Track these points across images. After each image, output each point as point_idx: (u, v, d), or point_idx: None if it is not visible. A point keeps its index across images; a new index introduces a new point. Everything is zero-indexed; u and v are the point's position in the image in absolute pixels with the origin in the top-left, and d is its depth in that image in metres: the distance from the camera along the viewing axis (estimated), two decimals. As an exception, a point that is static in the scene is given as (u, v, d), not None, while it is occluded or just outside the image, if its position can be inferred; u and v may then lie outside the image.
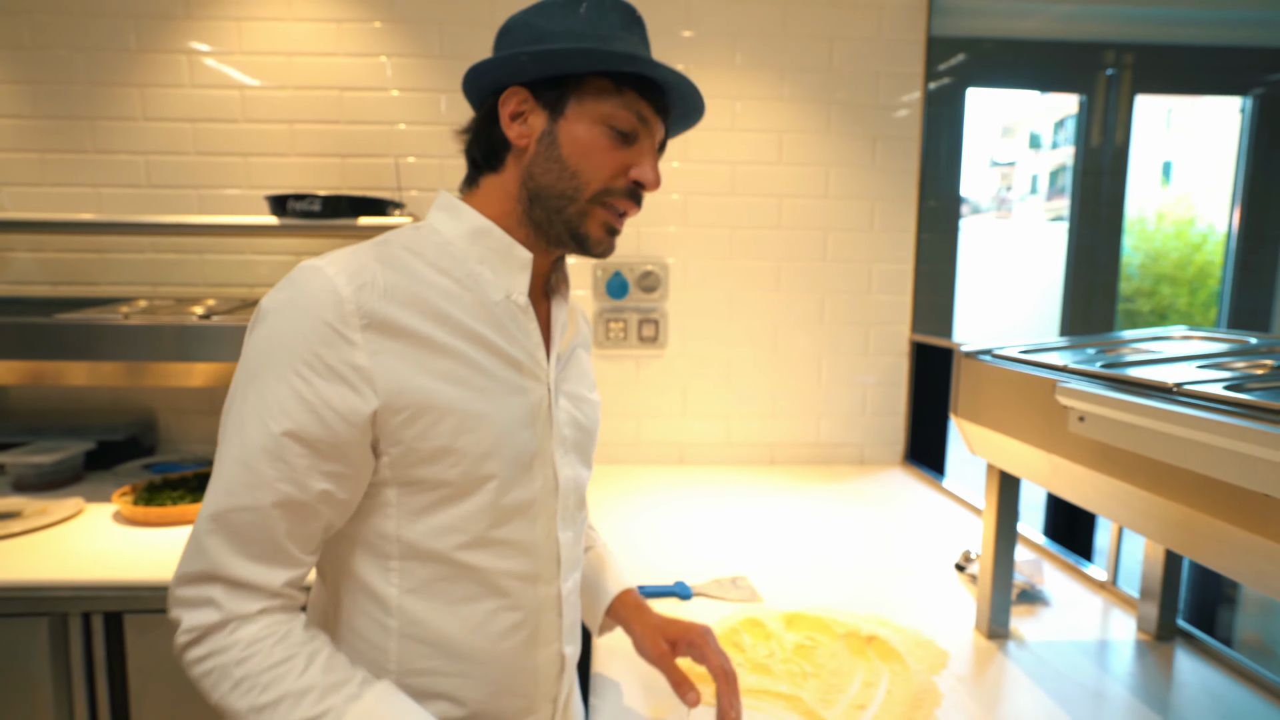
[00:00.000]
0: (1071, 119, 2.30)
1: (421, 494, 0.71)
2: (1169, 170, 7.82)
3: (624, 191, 0.76)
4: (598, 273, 2.08)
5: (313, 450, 0.65)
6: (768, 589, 1.31)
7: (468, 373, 0.71)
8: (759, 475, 2.08)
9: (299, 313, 0.66)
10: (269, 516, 0.64)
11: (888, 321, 2.17)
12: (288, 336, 0.65)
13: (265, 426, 0.64)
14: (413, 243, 0.74)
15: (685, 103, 0.80)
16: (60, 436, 1.92)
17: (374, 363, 0.66)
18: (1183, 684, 1.03)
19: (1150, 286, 5.90)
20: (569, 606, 0.83)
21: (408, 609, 0.72)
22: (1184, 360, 0.90)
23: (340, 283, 0.66)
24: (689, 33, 2.04)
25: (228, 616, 0.64)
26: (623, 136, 0.75)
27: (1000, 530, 1.12)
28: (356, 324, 0.66)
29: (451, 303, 0.72)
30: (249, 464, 0.64)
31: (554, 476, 0.79)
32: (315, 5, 1.97)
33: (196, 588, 0.65)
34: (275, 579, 0.66)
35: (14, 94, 1.94)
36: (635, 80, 0.74)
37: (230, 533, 0.64)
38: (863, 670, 1.04)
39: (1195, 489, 0.70)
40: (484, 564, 0.74)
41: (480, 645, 0.74)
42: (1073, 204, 2.32)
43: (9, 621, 1.33)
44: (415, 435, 0.68)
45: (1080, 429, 0.83)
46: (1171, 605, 1.14)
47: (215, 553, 0.64)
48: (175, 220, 1.71)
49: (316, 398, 0.65)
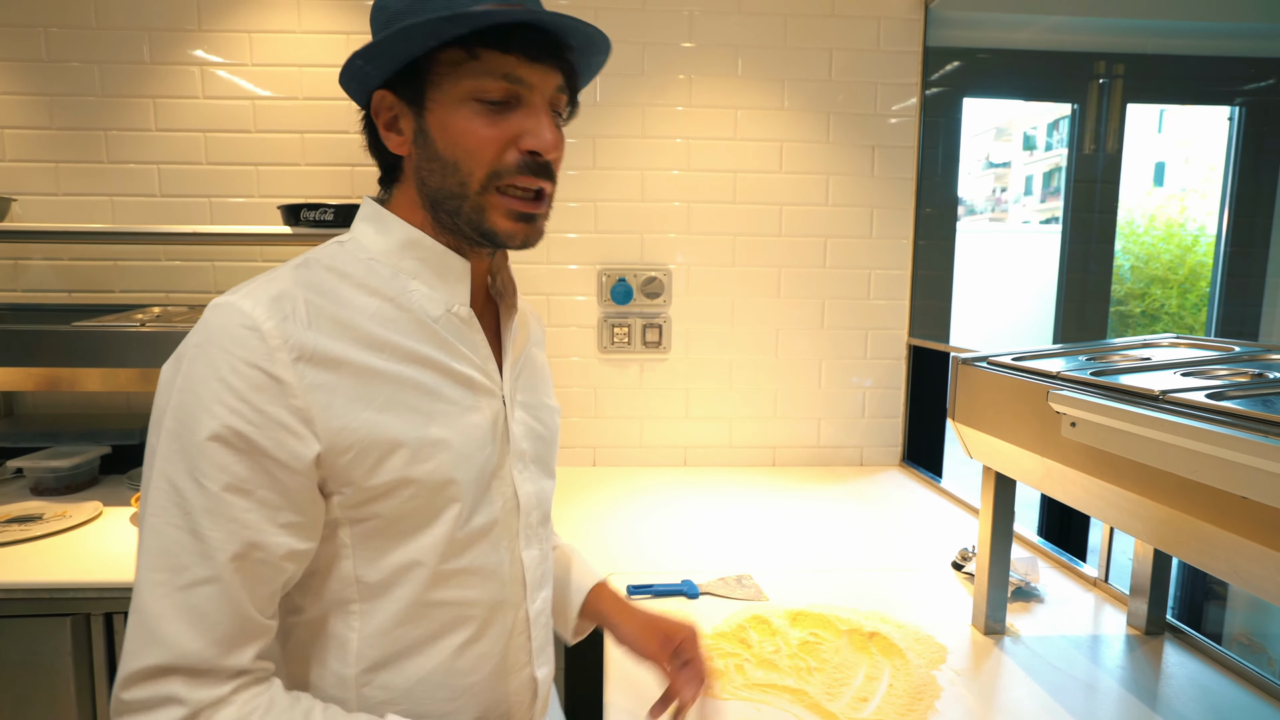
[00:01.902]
0: (1065, 120, 2.36)
1: (378, 532, 0.65)
2: (1161, 172, 7.88)
3: (517, 168, 0.66)
4: (602, 279, 2.12)
5: (261, 504, 0.58)
6: (772, 587, 1.36)
7: (416, 398, 0.66)
8: (761, 476, 2.13)
9: (218, 356, 0.58)
10: (230, 586, 0.57)
11: (886, 326, 2.22)
12: (210, 385, 0.58)
13: (202, 487, 0.57)
14: (337, 262, 0.68)
15: (574, 36, 0.67)
16: (75, 441, 1.95)
17: (309, 401, 0.60)
18: (1171, 676, 1.07)
19: (1142, 289, 5.97)
20: (538, 628, 0.78)
21: (368, 655, 0.67)
22: (1169, 368, 0.95)
23: (259, 317, 0.59)
24: (690, 44, 2.08)
25: (195, 709, 0.55)
26: (496, 107, 0.65)
27: (996, 530, 1.17)
28: (285, 360, 0.59)
29: (387, 326, 0.66)
30: (195, 531, 0.57)
31: (514, 495, 0.74)
32: (324, 18, 2.01)
33: (150, 686, 0.55)
34: (244, 656, 0.58)
35: (31, 105, 1.98)
36: (493, 37, 0.63)
37: (190, 614, 0.56)
38: (865, 665, 1.08)
39: (1179, 491, 0.75)
40: (448, 597, 0.69)
41: (446, 682, 0.70)
42: (1066, 210, 2.37)
43: (33, 621, 1.36)
44: (365, 473, 0.63)
45: (1072, 434, 0.87)
46: (1161, 601, 1.18)
47: (176, 640, 0.55)
48: (192, 230, 1.75)
49: (252, 448, 0.58)
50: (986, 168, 10.54)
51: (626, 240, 2.13)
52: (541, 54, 0.65)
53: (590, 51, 0.70)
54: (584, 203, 2.09)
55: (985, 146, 10.18)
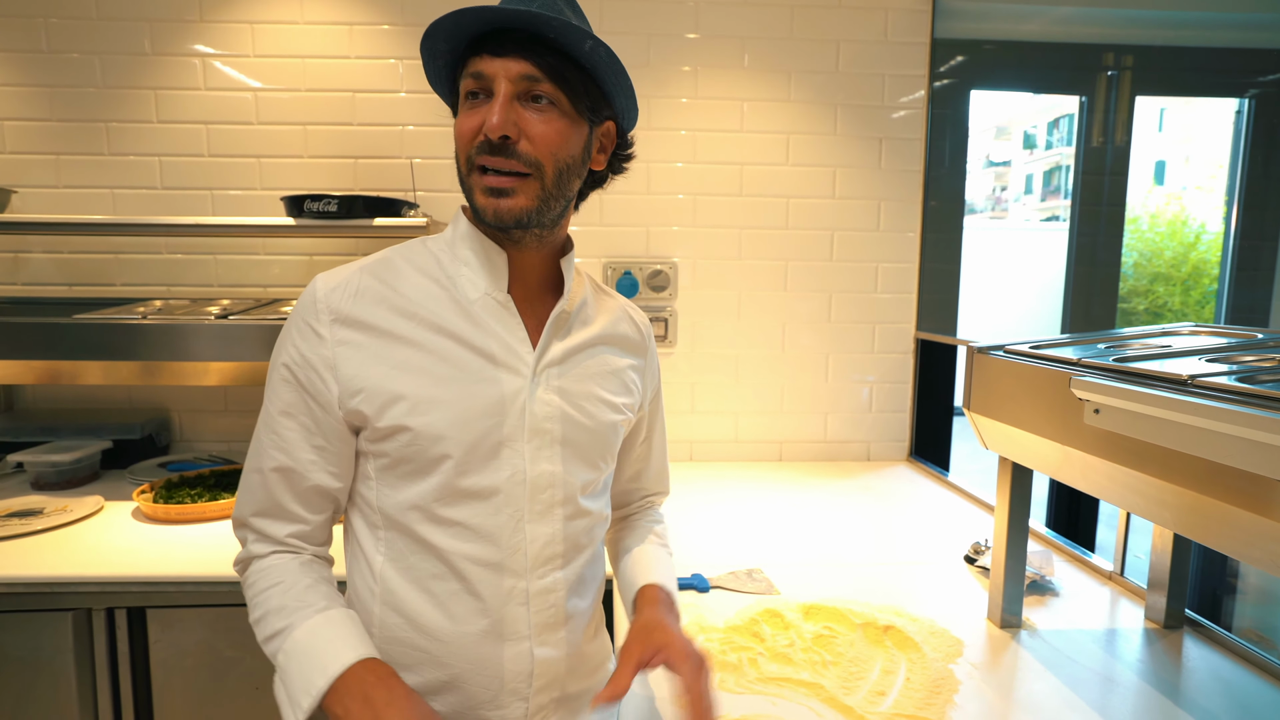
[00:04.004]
0: (1065, 119, 2.35)
1: (389, 468, 0.78)
2: (1162, 170, 7.86)
3: (477, 149, 0.75)
4: (608, 272, 2.10)
5: (300, 425, 0.78)
6: (783, 581, 1.34)
7: (429, 361, 0.78)
8: (768, 471, 2.11)
9: (293, 315, 0.80)
10: (268, 479, 0.79)
11: (893, 320, 2.20)
12: (285, 334, 0.80)
13: (268, 406, 0.80)
14: (408, 252, 0.84)
15: (535, 25, 0.72)
16: (76, 435, 1.93)
17: (336, 353, 0.77)
18: (1192, 670, 1.06)
19: (1145, 285, 5.96)
20: (543, 605, 0.81)
21: (387, 577, 0.80)
22: (1193, 354, 0.93)
23: (319, 288, 0.78)
24: (695, 35, 2.07)
25: (250, 554, 0.80)
26: (472, 101, 0.76)
27: (1013, 523, 1.15)
28: (326, 319, 0.77)
29: (426, 300, 0.80)
30: (259, 436, 0.80)
31: (524, 469, 0.79)
32: (326, 9, 1.99)
33: (238, 529, 0.82)
34: (279, 531, 0.79)
35: (31, 97, 1.96)
36: (471, 45, 0.75)
37: (245, 490, 0.81)
38: (881, 659, 1.07)
39: (1207, 476, 0.73)
40: (441, 543, 0.78)
41: (443, 625, 0.78)
42: (1074, 204, 2.35)
43: (35, 616, 1.35)
44: (374, 414, 0.76)
45: (1095, 420, 0.86)
46: (1180, 595, 1.16)
47: (240, 504, 0.81)
48: (195, 221, 1.73)
49: (295, 382, 0.78)
50: (987, 166, 10.53)
51: (632, 233, 2.12)
52: (499, 49, 0.73)
53: (562, 35, 0.73)
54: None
55: (986, 145, 10.17)
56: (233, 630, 1.39)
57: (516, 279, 0.83)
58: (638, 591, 0.89)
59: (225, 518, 1.62)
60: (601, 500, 0.90)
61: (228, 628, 1.39)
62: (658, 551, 0.97)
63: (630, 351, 0.92)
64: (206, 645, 1.39)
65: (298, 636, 0.73)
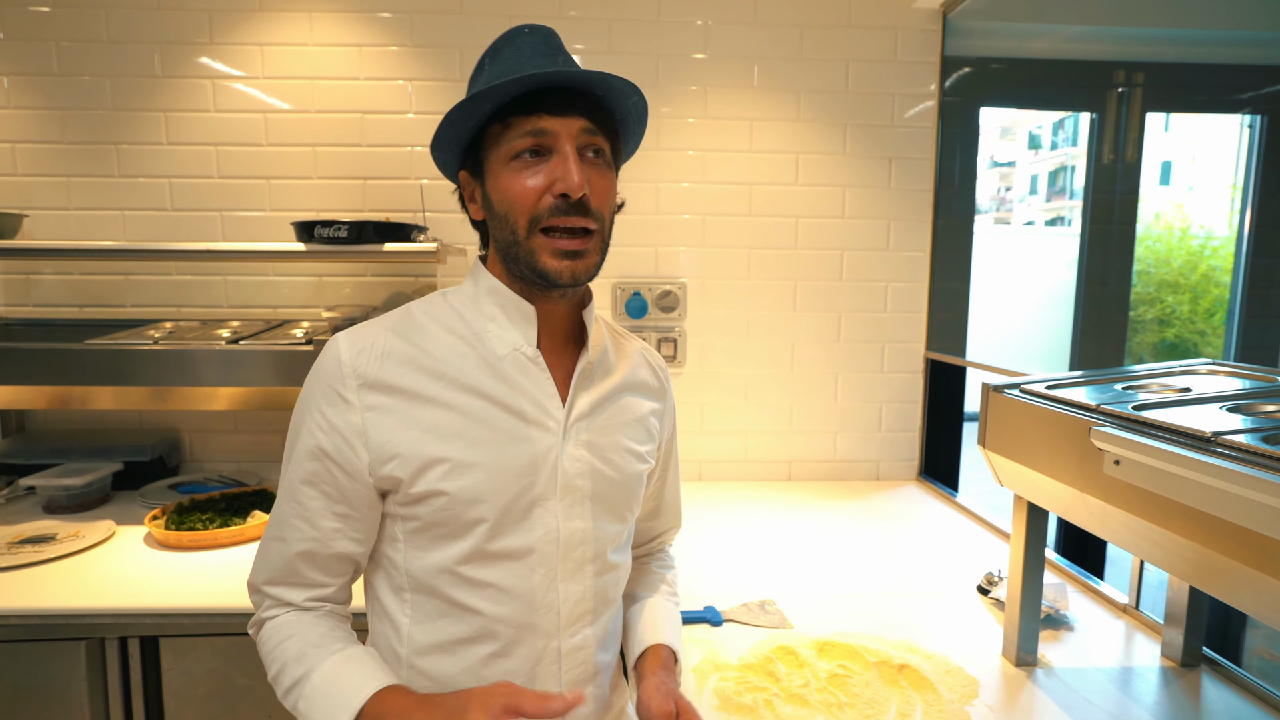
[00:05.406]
0: (1070, 119, 2.33)
1: (420, 531, 0.77)
2: (1168, 171, 7.81)
3: (551, 210, 0.73)
4: (617, 292, 2.10)
5: (323, 494, 0.76)
6: (796, 613, 1.33)
7: (462, 423, 0.76)
8: (777, 491, 2.10)
9: (315, 379, 0.78)
10: (289, 548, 0.77)
11: (903, 339, 2.20)
12: (307, 399, 0.78)
13: (289, 475, 0.78)
14: (431, 308, 0.83)
15: (596, 87, 0.74)
16: (86, 457, 1.94)
17: (365, 419, 0.75)
18: (1211, 713, 1.05)
19: (1153, 294, 5.91)
20: (574, 662, 0.81)
21: (415, 639, 0.78)
22: (1212, 401, 0.92)
23: (343, 349, 0.76)
24: (702, 55, 2.06)
25: (264, 617, 0.79)
26: (530, 160, 0.74)
27: (1029, 560, 1.14)
28: (353, 385, 0.75)
29: (455, 359, 0.78)
30: (280, 505, 0.79)
31: (557, 528, 0.79)
32: (336, 30, 1.99)
33: (253, 594, 0.81)
34: (296, 596, 0.79)
35: (42, 119, 1.97)
36: (517, 103, 0.73)
37: (263, 558, 0.80)
38: (897, 700, 1.06)
39: (1230, 537, 0.72)
40: (474, 604, 0.76)
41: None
42: (1084, 219, 2.34)
43: (48, 645, 1.35)
44: (408, 479, 0.74)
45: (1115, 472, 0.85)
46: (1197, 632, 1.16)
47: (256, 571, 0.80)
48: (205, 247, 1.73)
49: (321, 450, 0.76)
50: (991, 167, 10.48)
51: (641, 253, 2.11)
52: (560, 108, 0.73)
53: (614, 92, 0.76)
54: (598, 215, 2.06)
55: (990, 146, 10.09)
56: (245, 659, 1.39)
57: (543, 332, 0.82)
58: (647, 649, 0.89)
59: (237, 544, 1.62)
60: (625, 553, 0.90)
61: (240, 656, 1.39)
62: (667, 606, 0.97)
63: (651, 396, 0.93)
64: (219, 674, 1.39)
65: (315, 680, 0.71)
